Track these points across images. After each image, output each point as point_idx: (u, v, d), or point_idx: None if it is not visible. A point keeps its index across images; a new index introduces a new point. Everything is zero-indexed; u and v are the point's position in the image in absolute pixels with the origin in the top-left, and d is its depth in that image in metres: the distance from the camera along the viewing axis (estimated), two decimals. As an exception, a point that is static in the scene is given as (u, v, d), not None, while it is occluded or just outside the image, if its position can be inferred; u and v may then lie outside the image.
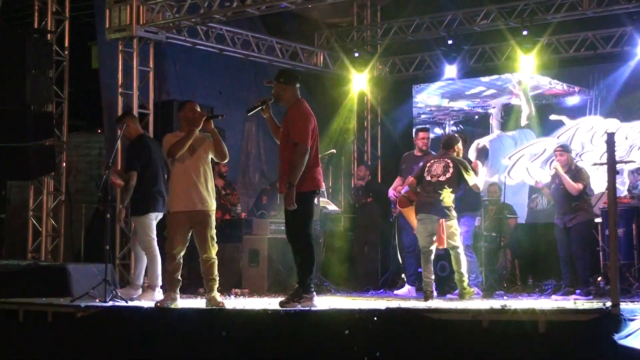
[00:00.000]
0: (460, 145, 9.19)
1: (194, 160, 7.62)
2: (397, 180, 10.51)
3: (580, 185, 9.50)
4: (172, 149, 7.57)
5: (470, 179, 8.96)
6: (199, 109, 7.77)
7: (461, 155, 9.22)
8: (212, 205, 7.72)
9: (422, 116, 13.75)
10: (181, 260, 7.69)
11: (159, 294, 8.47)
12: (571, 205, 9.58)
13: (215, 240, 7.71)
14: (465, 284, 8.86)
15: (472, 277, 9.57)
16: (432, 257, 8.95)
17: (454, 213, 8.88)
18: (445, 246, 8.87)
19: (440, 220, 8.77)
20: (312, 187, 7.31)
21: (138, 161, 8.62)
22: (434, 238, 8.84)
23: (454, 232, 8.86)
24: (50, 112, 11.28)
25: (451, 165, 8.89)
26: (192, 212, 7.59)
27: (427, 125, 10.82)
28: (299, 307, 7.00)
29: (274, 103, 7.52)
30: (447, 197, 8.80)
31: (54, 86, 11.36)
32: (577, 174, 9.63)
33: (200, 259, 7.68)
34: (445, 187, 8.80)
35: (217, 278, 7.69)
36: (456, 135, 9.37)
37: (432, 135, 10.94)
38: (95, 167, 13.69)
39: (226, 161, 8.00)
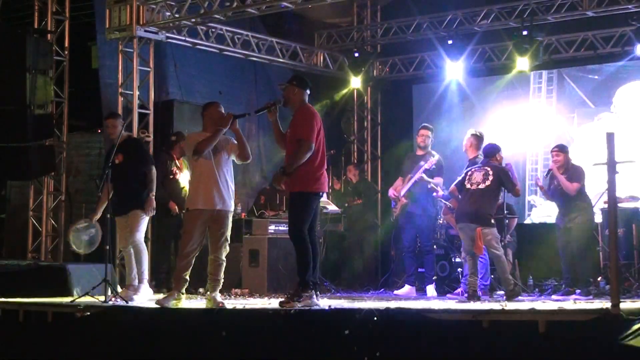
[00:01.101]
0: (501, 154, 9.30)
1: (217, 161, 7.65)
2: (398, 180, 10.52)
3: (576, 185, 9.50)
4: (199, 147, 7.58)
5: (510, 186, 9.09)
6: (223, 110, 7.83)
7: (502, 163, 9.31)
8: (232, 206, 7.76)
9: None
10: (193, 261, 7.70)
11: (148, 287, 8.74)
12: (571, 205, 9.58)
13: (229, 242, 7.74)
14: (510, 287, 8.83)
15: (480, 280, 9.58)
16: (477, 261, 9.07)
17: (492, 221, 9.00)
18: (483, 253, 8.98)
19: (478, 228, 8.84)
20: (315, 189, 7.35)
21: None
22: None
23: (492, 239, 8.89)
24: (50, 112, 11.28)
25: (491, 173, 8.99)
26: (211, 211, 7.61)
27: (430, 125, 10.77)
28: (298, 306, 7.01)
29: (283, 105, 7.57)
30: (487, 205, 8.93)
31: (54, 86, 11.35)
32: (573, 173, 9.62)
33: (209, 258, 7.71)
34: (484, 195, 8.91)
35: (222, 280, 7.70)
36: (497, 144, 9.44)
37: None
38: (95, 167, 13.65)
39: (249, 161, 8.04)
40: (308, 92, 7.54)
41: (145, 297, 8.56)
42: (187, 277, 7.73)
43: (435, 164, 10.16)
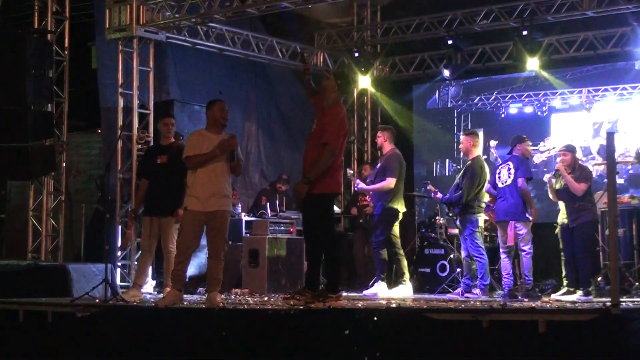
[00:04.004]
0: (525, 145, 9.65)
1: (214, 162, 7.65)
2: None
3: (584, 186, 9.48)
4: (191, 162, 7.65)
5: (518, 174, 9.41)
6: (225, 109, 7.84)
7: (530, 152, 9.77)
8: (229, 205, 7.77)
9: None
10: (189, 260, 7.72)
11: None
12: (574, 205, 9.56)
13: (227, 242, 7.75)
14: (530, 285, 9.30)
15: (480, 279, 9.58)
16: (511, 257, 9.54)
17: (526, 216, 9.38)
18: (512, 244, 9.38)
19: (511, 222, 9.32)
20: (333, 189, 7.36)
21: None
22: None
23: (525, 235, 9.34)
24: (50, 112, 11.27)
25: (512, 166, 9.43)
26: (208, 212, 7.62)
27: (385, 125, 10.85)
28: (322, 305, 7.02)
29: (316, 91, 7.60)
30: (517, 200, 9.33)
31: (54, 86, 11.35)
32: (581, 174, 9.60)
33: (208, 258, 7.71)
34: (513, 191, 9.35)
35: (221, 279, 7.70)
36: (522, 135, 9.75)
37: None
38: (95, 167, 13.67)
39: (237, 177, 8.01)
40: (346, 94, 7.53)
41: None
42: (185, 276, 7.73)
43: (381, 168, 10.16)
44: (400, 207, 10.07)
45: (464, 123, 13.70)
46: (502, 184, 9.46)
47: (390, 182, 9.92)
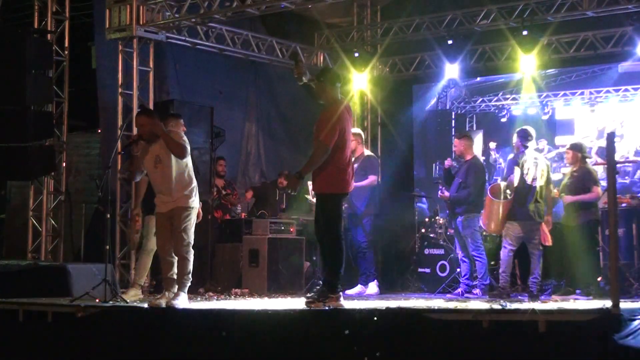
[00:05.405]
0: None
1: (164, 166, 7.64)
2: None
3: (597, 189, 9.45)
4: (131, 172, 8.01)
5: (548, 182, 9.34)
6: (142, 122, 7.77)
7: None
8: (185, 201, 7.65)
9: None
10: (172, 259, 7.66)
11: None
12: (576, 204, 9.56)
13: (188, 237, 7.62)
14: (537, 287, 9.16)
15: (480, 279, 9.58)
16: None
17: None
18: (547, 244, 9.26)
19: (542, 223, 9.16)
20: (342, 189, 7.36)
21: None
22: (532, 240, 9.20)
23: (546, 233, 9.24)
24: (50, 112, 11.27)
25: (544, 168, 9.21)
26: (168, 212, 7.66)
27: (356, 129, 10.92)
28: (323, 306, 6.99)
29: (316, 99, 7.60)
30: (543, 201, 9.20)
31: (54, 86, 11.35)
32: (587, 177, 9.54)
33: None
34: (542, 192, 9.17)
35: (183, 278, 7.58)
36: (528, 129, 9.54)
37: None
38: (95, 167, 13.67)
39: (183, 160, 7.81)
40: (339, 84, 7.52)
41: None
42: (174, 277, 7.68)
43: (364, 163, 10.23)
44: (375, 208, 10.32)
45: (469, 124, 13.73)
46: (533, 182, 9.12)
47: (373, 180, 10.15)
